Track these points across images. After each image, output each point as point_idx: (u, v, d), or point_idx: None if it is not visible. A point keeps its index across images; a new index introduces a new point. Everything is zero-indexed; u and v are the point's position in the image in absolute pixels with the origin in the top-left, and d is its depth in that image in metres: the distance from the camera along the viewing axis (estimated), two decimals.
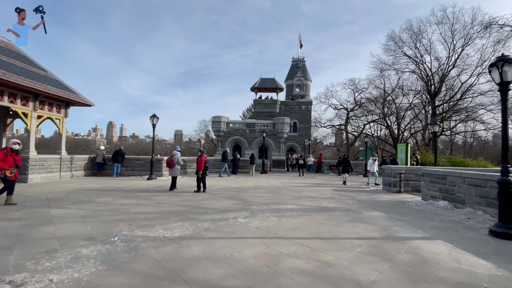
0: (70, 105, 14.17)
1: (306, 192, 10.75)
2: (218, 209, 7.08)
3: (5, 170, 6.78)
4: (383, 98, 33.03)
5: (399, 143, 17.92)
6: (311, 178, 18.14)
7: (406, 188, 12.17)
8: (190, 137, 68.57)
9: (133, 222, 5.54)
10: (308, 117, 36.48)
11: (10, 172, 6.87)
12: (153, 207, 7.15)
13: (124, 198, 8.32)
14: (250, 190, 11.09)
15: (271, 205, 7.80)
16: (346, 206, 8.03)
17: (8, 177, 6.83)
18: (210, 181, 14.14)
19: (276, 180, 15.82)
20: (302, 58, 41.68)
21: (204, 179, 10.17)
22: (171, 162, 10.51)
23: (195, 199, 8.49)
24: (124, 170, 15.75)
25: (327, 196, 9.87)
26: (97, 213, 6.34)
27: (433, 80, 26.01)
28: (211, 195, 9.42)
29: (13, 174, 6.94)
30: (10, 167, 6.87)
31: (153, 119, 14.11)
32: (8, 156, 6.87)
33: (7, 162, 6.83)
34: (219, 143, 26.91)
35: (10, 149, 6.98)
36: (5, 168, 6.78)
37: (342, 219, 6.29)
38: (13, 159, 6.97)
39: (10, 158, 6.90)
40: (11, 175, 6.89)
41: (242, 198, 8.99)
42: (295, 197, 9.38)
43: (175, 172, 10.60)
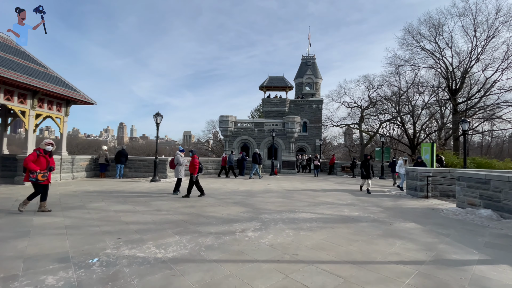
0: (71, 103, 13.57)
1: (322, 197, 9.67)
2: (223, 218, 6.12)
3: (37, 173, 6.03)
4: (399, 96, 31.43)
5: (424, 143, 16.51)
6: (324, 181, 16.99)
7: (434, 193, 10.90)
8: (199, 138, 68.17)
9: (122, 236, 4.64)
10: (318, 116, 35.18)
11: (42, 175, 6.12)
12: (150, 215, 6.26)
13: (120, 204, 7.48)
14: (260, 194, 10.09)
15: (284, 213, 6.78)
16: (371, 215, 6.93)
17: (40, 181, 6.07)
18: (217, 183, 13.23)
19: (287, 183, 14.77)
20: (312, 56, 40.40)
21: (198, 182, 9.24)
22: (171, 162, 9.76)
23: (198, 205, 7.56)
24: (128, 171, 15.05)
25: (347, 202, 8.76)
26: (85, 222, 5.49)
27: (454, 76, 24.31)
28: (217, 200, 8.48)
29: (46, 178, 6.20)
30: (43, 170, 6.13)
31: (157, 118, 13.33)
32: (41, 158, 6.15)
33: (39, 164, 6.11)
34: (227, 143, 26.02)
35: (43, 150, 6.25)
36: (37, 171, 6.03)
37: (372, 233, 5.21)
38: (46, 161, 6.23)
39: (43, 160, 6.18)
40: (43, 179, 6.14)
41: (251, 204, 8.01)
42: (311, 204, 8.32)
43: (178, 173, 9.80)
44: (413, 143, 33.37)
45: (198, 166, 9.05)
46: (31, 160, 6.01)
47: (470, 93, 25.54)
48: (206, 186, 12.06)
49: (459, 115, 24.86)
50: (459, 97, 25.16)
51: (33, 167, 5.98)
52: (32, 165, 5.98)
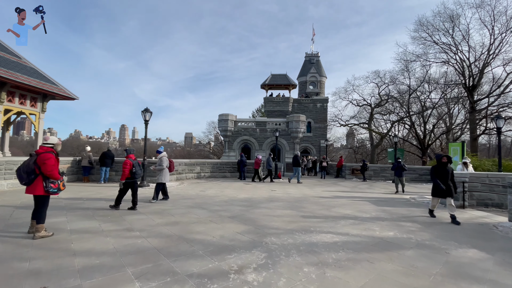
0: (49, 98, 12.00)
1: (338, 208, 7.97)
2: (214, 243, 4.44)
3: (59, 181, 4.53)
4: (409, 94, 29.70)
5: (451, 143, 14.77)
6: (334, 185, 15.27)
7: (470, 202, 9.18)
8: (200, 140, 66.66)
9: (53, 281, 2.99)
10: (323, 116, 33.49)
11: (63, 184, 4.67)
12: (115, 238, 4.60)
13: (84, 219, 5.83)
14: (263, 204, 8.41)
15: (297, 234, 5.10)
16: (412, 235, 5.23)
17: (53, 191, 4.46)
18: (214, 188, 11.55)
19: (293, 188, 13.07)
20: (316, 53, 38.78)
21: (135, 190, 6.95)
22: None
23: (184, 221, 5.89)
24: (114, 174, 13.41)
25: (371, 215, 7.05)
26: (15, 252, 3.84)
27: (471, 72, 22.55)
28: (209, 214, 6.81)
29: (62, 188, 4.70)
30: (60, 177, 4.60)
31: (145, 114, 11.71)
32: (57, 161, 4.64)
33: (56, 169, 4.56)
34: (226, 144, 24.39)
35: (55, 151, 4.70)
36: (59, 178, 4.52)
37: (430, 271, 3.52)
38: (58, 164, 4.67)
39: (57, 163, 4.64)
40: (63, 188, 4.68)
41: (252, 218, 6.32)
42: (328, 218, 6.62)
43: (160, 177, 8.17)
44: (423, 144, 31.60)
45: (130, 169, 6.73)
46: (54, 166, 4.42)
47: (489, 90, 23.80)
48: (200, 193, 10.41)
49: (476, 114, 23.09)
50: (476, 94, 23.40)
51: (55, 174, 4.41)
52: (53, 170, 4.38)
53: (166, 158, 8.41)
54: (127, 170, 6.72)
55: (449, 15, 22.23)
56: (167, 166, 8.39)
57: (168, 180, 8.44)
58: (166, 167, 8.34)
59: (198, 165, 16.87)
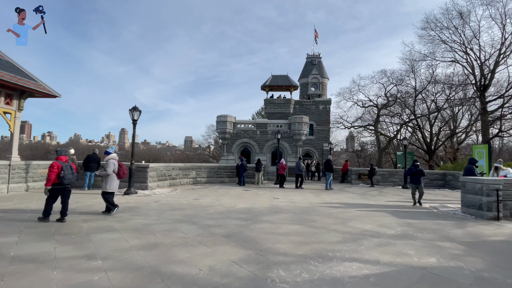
0: (27, 95, 10.83)
1: (355, 221, 6.72)
2: (200, 282, 3.20)
3: None
4: (414, 96, 28.61)
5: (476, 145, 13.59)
6: (341, 192, 14.02)
7: (504, 213, 7.95)
8: (200, 144, 65.18)
9: None
10: (326, 118, 32.36)
11: None
12: (64, 272, 3.35)
13: (39, 240, 4.59)
14: (265, 216, 7.16)
15: (312, 262, 3.86)
16: (460, 263, 3.99)
17: None
18: (210, 196, 10.27)
19: (298, 196, 11.83)
20: (317, 54, 37.80)
21: (65, 199, 5.93)
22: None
23: (167, 242, 4.65)
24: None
25: (397, 232, 5.81)
26: None
27: (483, 71, 21.47)
28: (200, 230, 5.57)
29: None
30: None
31: (133, 113, 10.52)
32: None
33: None
34: (225, 147, 23.17)
35: None
36: None
37: None
38: None
39: None
40: None
41: (252, 238, 5.09)
42: (347, 236, 5.38)
43: (106, 185, 6.72)
44: (430, 148, 30.43)
45: (57, 173, 5.63)
46: None
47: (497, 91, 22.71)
48: (193, 201, 9.17)
49: (488, 115, 21.94)
50: (488, 95, 22.29)
51: None
52: None
53: (113, 161, 6.79)
54: (53, 174, 5.61)
55: (459, 12, 21.22)
56: (115, 171, 6.78)
57: (115, 188, 6.80)
58: (114, 173, 6.76)
59: (193, 169, 15.64)
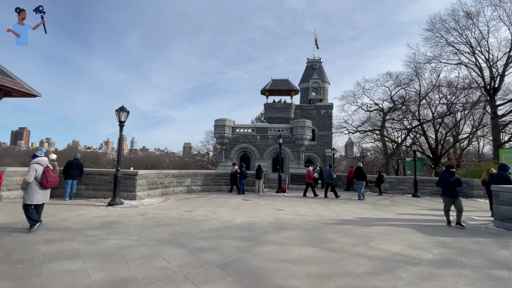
0: (2, 93, 9.74)
1: (379, 241, 5.53)
2: None
3: None
4: (419, 100, 27.75)
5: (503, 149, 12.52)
6: (350, 202, 12.83)
7: None
8: (198, 150, 63.73)
9: None
10: (328, 123, 31.38)
11: None
12: None
13: None
14: (270, 234, 5.95)
15: None
16: None
17: None
18: (205, 207, 9.05)
19: (304, 206, 10.63)
20: (318, 59, 37.15)
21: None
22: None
23: (141, 277, 3.45)
24: (84, 189, 10.96)
25: (434, 256, 4.62)
26: None
27: (493, 73, 20.62)
28: (188, 256, 4.37)
29: None
30: None
31: (120, 114, 9.40)
32: None
33: None
34: (223, 152, 22.01)
35: None
36: None
37: None
38: None
39: None
40: None
41: (255, 269, 3.89)
42: (376, 263, 4.19)
43: (24, 195, 5.44)
44: (435, 153, 29.41)
45: None
46: None
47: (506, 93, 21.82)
48: (185, 214, 7.96)
49: (499, 119, 20.96)
50: (497, 98, 21.38)
51: None
52: None
53: (38, 166, 5.44)
54: None
55: (467, 12, 20.50)
56: (38, 178, 5.38)
57: (37, 200, 5.43)
58: (37, 180, 5.38)
59: (188, 176, 14.44)
